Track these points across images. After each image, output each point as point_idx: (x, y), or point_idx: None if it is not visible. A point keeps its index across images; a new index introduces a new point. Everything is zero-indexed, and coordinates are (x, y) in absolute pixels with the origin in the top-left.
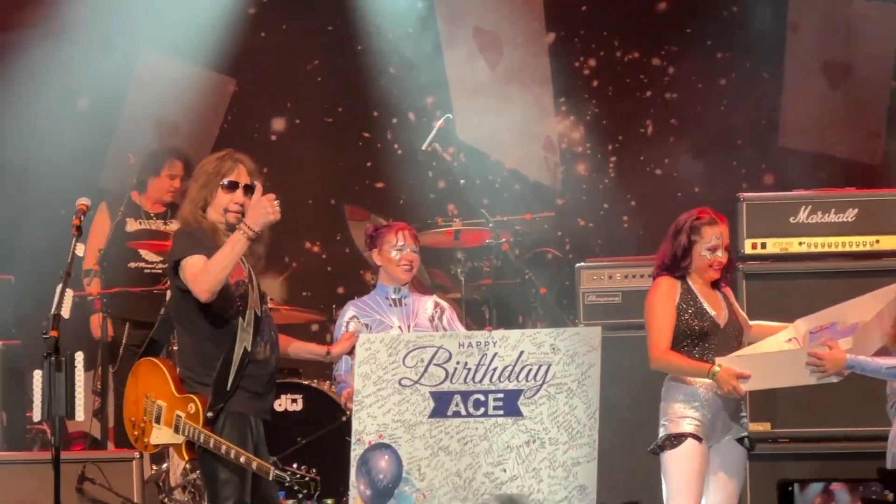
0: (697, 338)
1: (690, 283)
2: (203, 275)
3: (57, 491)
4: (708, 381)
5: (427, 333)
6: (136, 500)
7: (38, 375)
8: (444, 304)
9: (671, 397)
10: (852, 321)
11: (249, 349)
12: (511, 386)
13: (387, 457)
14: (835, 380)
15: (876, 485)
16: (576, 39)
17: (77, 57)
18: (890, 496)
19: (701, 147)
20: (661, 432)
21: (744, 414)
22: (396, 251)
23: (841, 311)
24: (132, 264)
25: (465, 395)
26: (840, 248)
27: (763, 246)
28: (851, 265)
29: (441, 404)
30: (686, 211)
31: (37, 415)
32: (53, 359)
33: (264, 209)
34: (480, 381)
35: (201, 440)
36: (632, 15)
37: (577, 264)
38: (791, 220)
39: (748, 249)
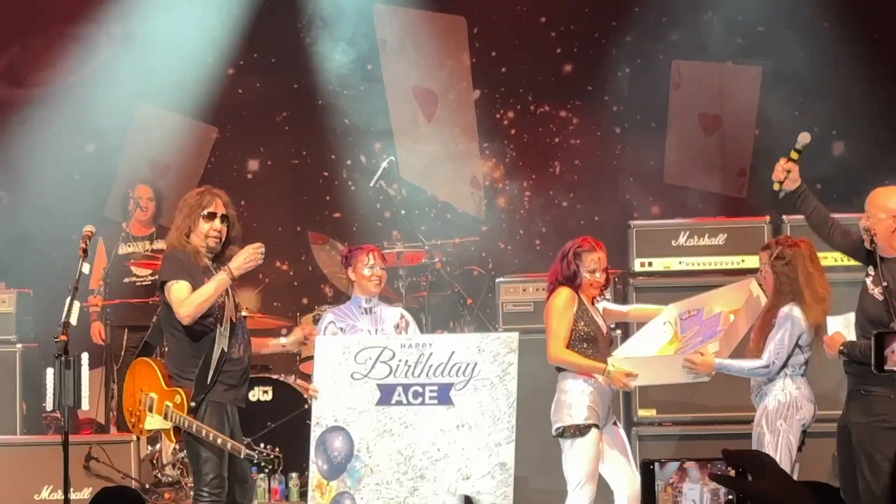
0: (590, 342)
1: (582, 296)
2: (188, 305)
3: (66, 467)
4: (602, 378)
5: (375, 336)
6: (133, 476)
7: (50, 372)
8: (408, 317)
9: (571, 391)
10: (717, 309)
11: (226, 350)
12: (444, 380)
13: (341, 437)
14: (706, 379)
15: (723, 462)
16: (497, 95)
17: (85, 109)
18: (732, 472)
19: (599, 183)
20: (562, 422)
21: (610, 404)
22: (368, 269)
23: (706, 300)
24: (126, 279)
25: (406, 388)
26: (713, 267)
27: (650, 264)
28: (722, 280)
29: (386, 394)
30: (582, 236)
31: (49, 405)
32: (63, 359)
33: (247, 258)
34: (419, 375)
35: (186, 425)
36: (543, 75)
37: (498, 279)
38: (673, 243)
39: (637, 268)
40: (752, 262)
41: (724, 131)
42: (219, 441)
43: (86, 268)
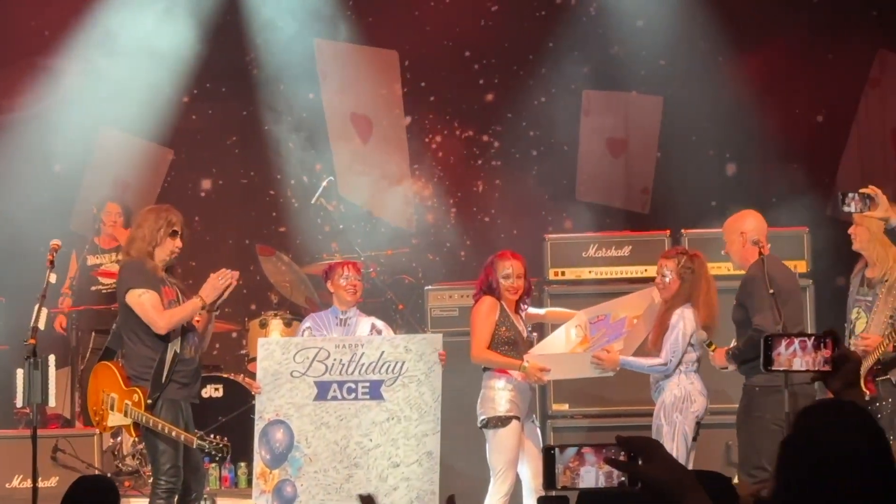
0: (511, 345)
1: (504, 305)
2: (167, 319)
3: (34, 459)
4: (519, 374)
5: (311, 338)
6: (97, 466)
7: (20, 373)
8: (380, 324)
9: (494, 387)
10: (622, 314)
11: (178, 351)
12: (375, 377)
13: (282, 430)
14: (611, 374)
15: (616, 447)
16: (426, 122)
17: (52, 133)
18: (623, 457)
19: (518, 201)
20: (486, 414)
21: (534, 401)
22: (343, 279)
23: (613, 306)
24: (93, 287)
25: (341, 384)
26: (619, 276)
27: (563, 273)
28: (627, 287)
29: (322, 391)
30: (502, 249)
31: (20, 401)
32: (32, 360)
33: (215, 286)
34: (352, 373)
35: (144, 421)
36: (467, 104)
37: (426, 287)
38: (583, 254)
39: (551, 276)
40: (654, 271)
41: (629, 154)
42: (173, 434)
43: (52, 277)
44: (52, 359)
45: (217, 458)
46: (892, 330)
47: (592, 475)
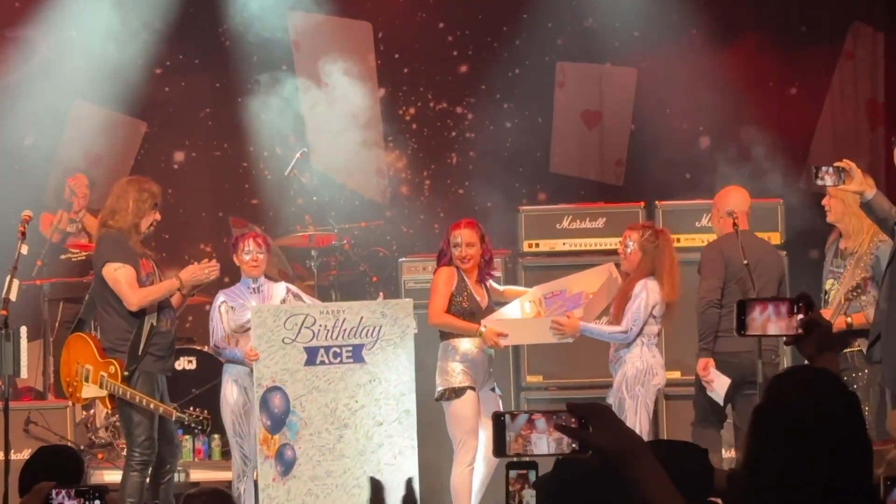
0: (469, 315)
1: (464, 275)
2: (141, 297)
3: (6, 431)
4: (475, 344)
5: (299, 305)
6: (69, 438)
7: None
8: (294, 289)
9: (449, 357)
10: (577, 290)
11: (155, 324)
12: (357, 341)
13: (279, 395)
14: (570, 340)
15: (567, 414)
16: (400, 94)
17: (24, 105)
18: (574, 423)
19: (492, 173)
20: (441, 386)
21: (492, 370)
22: (246, 254)
23: (568, 282)
24: (62, 257)
25: (327, 349)
26: (593, 248)
27: (537, 245)
28: (600, 259)
29: (311, 356)
30: (479, 221)
31: None
32: (3, 332)
33: (196, 274)
34: (336, 338)
35: (120, 393)
36: (441, 75)
37: (400, 259)
38: (557, 226)
39: (525, 248)
40: None
41: (603, 126)
42: (151, 406)
43: (24, 249)
44: (23, 330)
45: (197, 431)
46: (847, 305)
47: (544, 442)
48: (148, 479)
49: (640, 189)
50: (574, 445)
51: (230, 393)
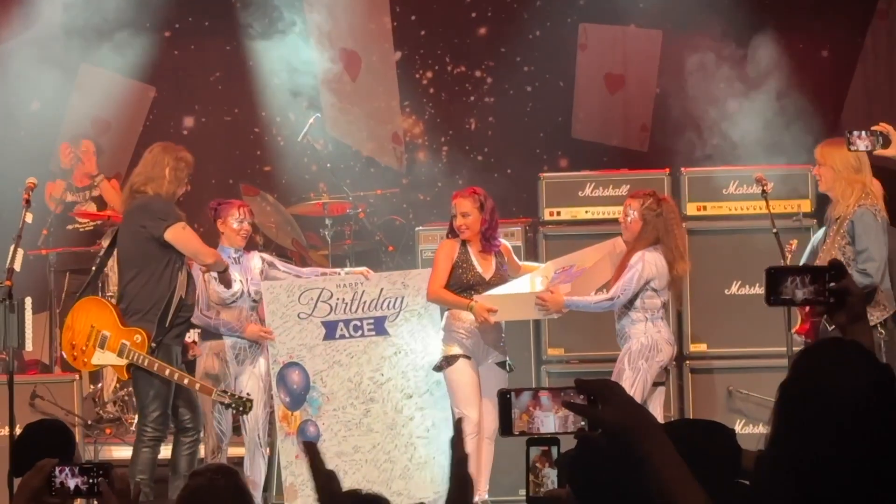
0: (469, 288)
1: (469, 246)
2: (215, 255)
3: (11, 405)
4: (472, 317)
5: (314, 279)
6: (77, 413)
7: None
8: (269, 257)
9: (447, 328)
10: (587, 265)
11: (184, 296)
12: (378, 313)
13: (297, 371)
14: (555, 315)
15: (574, 391)
16: (417, 57)
17: (30, 70)
18: (582, 400)
19: (512, 139)
20: (438, 357)
21: (503, 343)
22: (237, 222)
23: (578, 257)
24: (69, 226)
25: (347, 322)
26: (615, 216)
27: (558, 213)
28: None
29: (330, 330)
30: (491, 188)
31: None
32: (7, 302)
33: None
34: (356, 311)
35: (145, 364)
36: (459, 38)
37: (417, 228)
38: (579, 193)
39: (546, 217)
40: None
41: (627, 90)
42: (185, 381)
43: (29, 217)
44: (28, 301)
45: (239, 412)
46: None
47: (550, 420)
48: (171, 448)
49: (665, 155)
50: (582, 423)
51: (210, 366)
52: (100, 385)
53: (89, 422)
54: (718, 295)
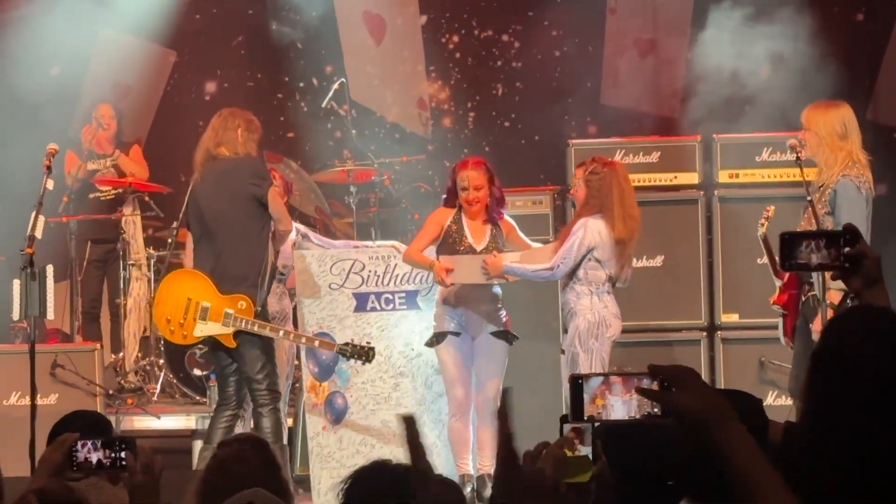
0: None
1: (463, 215)
2: (289, 230)
3: (32, 375)
4: (465, 293)
5: (345, 250)
6: (98, 382)
7: (17, 284)
8: (302, 227)
9: (439, 303)
10: None
11: (274, 261)
12: (410, 287)
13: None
14: (495, 282)
15: (648, 376)
16: (443, 21)
17: (51, 35)
18: (656, 385)
19: (540, 104)
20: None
21: (501, 314)
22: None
23: None
24: (91, 195)
25: (378, 295)
26: (646, 183)
27: None
28: (655, 196)
29: (361, 302)
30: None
31: (16, 314)
32: (29, 270)
33: None
34: (387, 284)
35: (254, 329)
36: (486, 1)
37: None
38: None
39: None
40: (684, 178)
41: (657, 54)
42: (303, 340)
43: (50, 184)
44: (49, 269)
45: (363, 362)
46: None
47: (621, 406)
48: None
49: (697, 121)
50: (655, 409)
51: None
52: (121, 354)
53: (111, 391)
54: (750, 264)
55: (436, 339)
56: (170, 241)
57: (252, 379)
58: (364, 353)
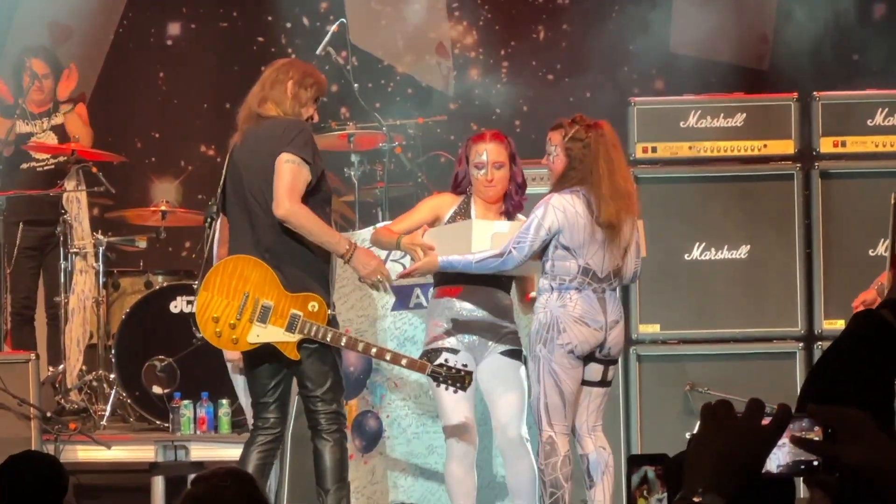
0: None
1: (472, 202)
2: (304, 214)
3: None
4: (465, 303)
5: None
6: (31, 402)
7: None
8: None
9: (433, 314)
10: None
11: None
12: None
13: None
14: (422, 279)
15: (807, 420)
16: None
17: None
18: (817, 433)
19: (593, 52)
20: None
21: (507, 329)
22: None
23: None
24: (24, 164)
25: (425, 288)
26: (728, 153)
27: (653, 150)
28: (739, 169)
29: (402, 297)
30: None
31: None
32: None
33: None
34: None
35: (328, 338)
36: None
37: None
38: (681, 124)
39: (638, 154)
40: (775, 147)
41: None
42: (387, 357)
43: None
44: None
45: (454, 389)
46: None
47: (775, 456)
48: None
49: (792, 75)
50: (816, 462)
51: None
52: (61, 367)
53: (48, 414)
54: (861, 256)
55: (427, 357)
56: (207, 221)
57: (318, 399)
58: (460, 379)
